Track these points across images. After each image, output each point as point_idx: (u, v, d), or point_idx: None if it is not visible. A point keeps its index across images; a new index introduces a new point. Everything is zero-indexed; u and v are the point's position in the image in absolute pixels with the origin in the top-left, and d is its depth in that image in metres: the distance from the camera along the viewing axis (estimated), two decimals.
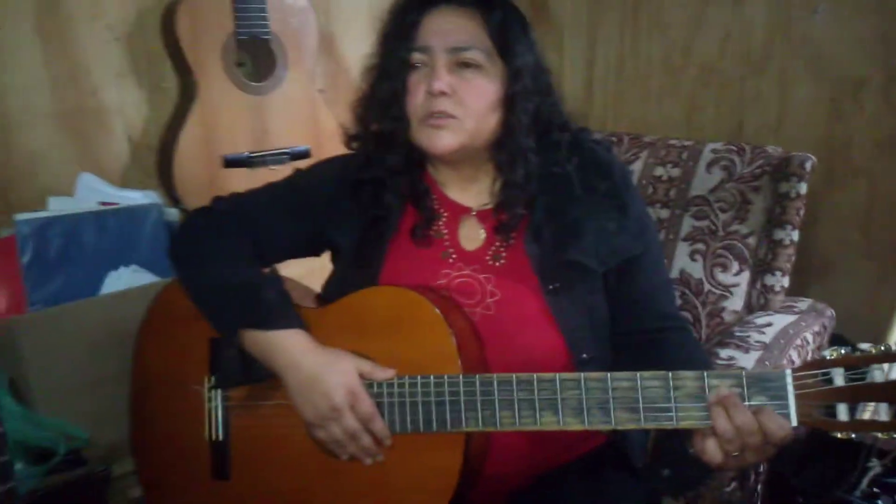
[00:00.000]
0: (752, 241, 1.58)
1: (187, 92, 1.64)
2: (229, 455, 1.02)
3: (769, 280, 1.58)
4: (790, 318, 1.52)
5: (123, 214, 1.56)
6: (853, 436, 0.75)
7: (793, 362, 1.35)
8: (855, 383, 0.75)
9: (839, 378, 0.75)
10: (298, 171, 1.13)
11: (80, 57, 1.58)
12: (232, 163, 1.64)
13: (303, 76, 1.72)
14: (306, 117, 1.74)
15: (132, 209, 1.57)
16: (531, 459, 1.01)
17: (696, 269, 1.62)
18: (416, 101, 0.98)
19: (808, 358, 1.47)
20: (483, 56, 0.97)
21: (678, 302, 1.61)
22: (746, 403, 0.78)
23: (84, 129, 1.61)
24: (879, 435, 0.75)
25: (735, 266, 1.59)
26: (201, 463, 1.03)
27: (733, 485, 1.20)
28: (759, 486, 1.30)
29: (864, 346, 0.75)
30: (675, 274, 1.64)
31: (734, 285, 1.58)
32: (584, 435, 1.03)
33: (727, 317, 1.57)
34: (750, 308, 1.59)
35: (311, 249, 1.13)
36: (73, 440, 1.32)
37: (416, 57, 0.99)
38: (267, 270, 1.03)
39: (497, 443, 0.96)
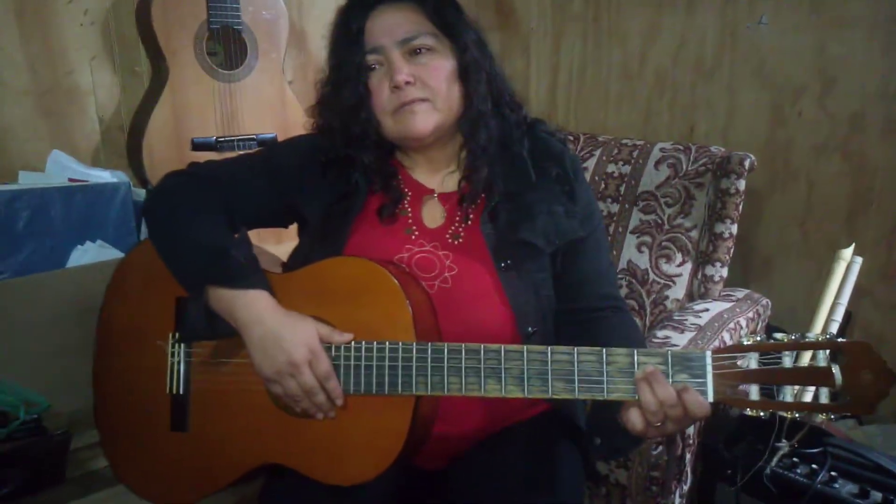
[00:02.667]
0: (694, 234, 1.68)
1: (159, 77, 1.69)
2: (188, 408, 1.06)
3: (709, 271, 1.67)
4: (726, 305, 1.61)
5: (91, 191, 1.59)
6: (762, 414, 0.83)
7: (724, 343, 1.44)
8: (766, 367, 0.83)
9: (753, 362, 0.83)
10: (273, 144, 1.20)
11: (56, 39, 1.63)
12: (200, 146, 1.70)
13: (273, 66, 1.79)
14: (274, 106, 1.80)
15: (100, 186, 1.60)
16: (479, 421, 1.06)
17: (643, 260, 1.71)
18: (383, 97, 1.05)
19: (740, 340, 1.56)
20: (432, 39, 1.06)
21: (624, 290, 1.70)
22: (670, 380, 0.85)
23: (58, 108, 1.66)
24: (785, 414, 0.83)
25: (678, 257, 1.68)
26: (161, 416, 1.07)
27: (660, 448, 1.28)
28: (687, 456, 1.37)
29: (778, 335, 0.83)
30: (622, 265, 1.73)
31: (677, 275, 1.67)
32: (529, 401, 1.09)
33: (670, 305, 1.66)
34: (691, 297, 1.68)
35: (279, 219, 1.18)
36: (34, 406, 1.34)
37: (371, 58, 1.05)
38: (237, 235, 1.07)
39: (446, 403, 1.01)
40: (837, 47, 1.77)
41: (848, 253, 1.49)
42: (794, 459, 1.33)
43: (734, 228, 1.66)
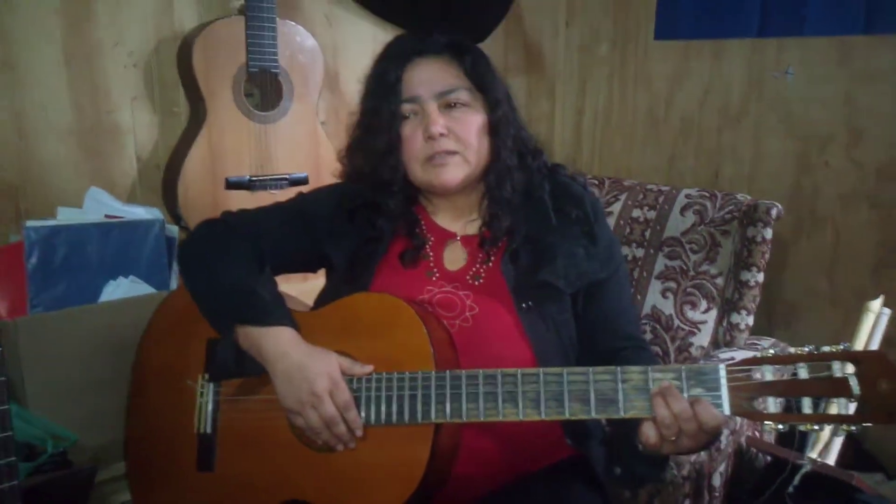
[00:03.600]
0: (720, 281, 1.67)
1: (197, 117, 1.74)
2: (215, 447, 1.08)
3: (735, 318, 1.66)
4: (752, 354, 1.59)
5: (126, 228, 1.63)
6: (780, 427, 0.82)
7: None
8: (781, 379, 0.83)
9: (769, 374, 0.83)
10: (302, 193, 1.24)
11: (100, 79, 1.69)
12: (234, 185, 1.74)
13: (307, 108, 1.83)
14: (307, 146, 1.84)
15: (135, 223, 1.64)
16: (500, 464, 1.07)
17: (667, 306, 1.70)
18: (416, 146, 1.09)
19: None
20: (467, 94, 1.10)
21: (649, 336, 1.69)
22: (685, 395, 0.86)
23: (98, 146, 1.71)
24: (804, 427, 0.82)
25: (703, 304, 1.67)
26: (188, 455, 1.09)
27: (686, 502, 1.26)
28: None
29: (792, 349, 0.84)
30: (647, 310, 1.73)
31: (702, 322, 1.66)
32: (551, 446, 1.09)
33: (694, 352, 1.65)
34: (716, 344, 1.67)
35: (308, 265, 1.22)
36: (62, 441, 1.36)
37: (407, 107, 1.10)
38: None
39: (467, 445, 1.02)
40: (865, 98, 1.78)
41: (877, 305, 1.48)
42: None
43: (760, 277, 1.65)
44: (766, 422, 0.83)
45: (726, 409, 0.85)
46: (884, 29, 1.74)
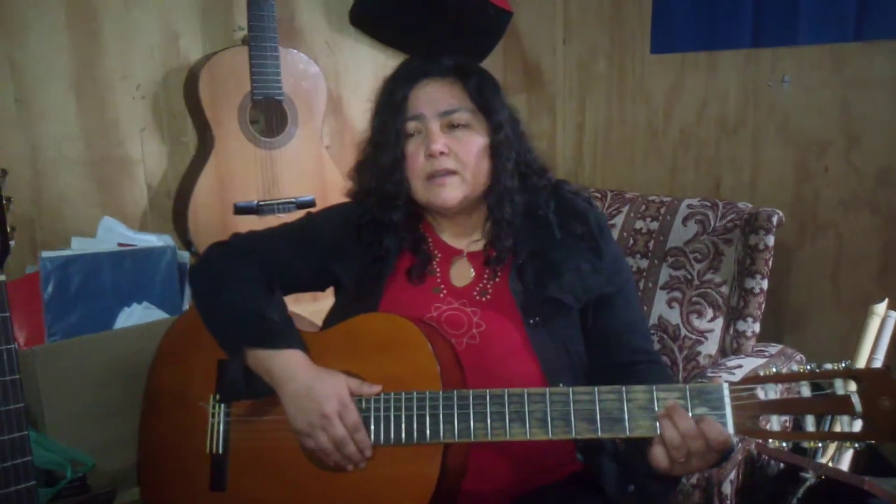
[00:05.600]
0: (724, 289, 1.69)
1: (205, 145, 1.78)
2: (227, 467, 1.10)
3: (741, 326, 1.67)
4: (760, 361, 1.61)
5: (139, 255, 1.66)
6: (784, 444, 0.83)
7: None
8: (784, 398, 0.83)
9: (771, 392, 0.84)
10: (310, 213, 1.27)
11: (110, 112, 1.73)
12: (242, 210, 1.77)
13: (311, 133, 1.87)
14: (313, 170, 1.88)
15: (147, 251, 1.67)
16: (508, 480, 1.07)
17: (674, 316, 1.72)
18: (418, 164, 1.12)
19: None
20: (469, 115, 1.13)
21: (656, 346, 1.70)
22: (690, 414, 0.87)
23: (109, 176, 1.75)
24: (808, 444, 0.84)
25: (709, 313, 1.69)
26: (201, 476, 1.11)
27: None
28: None
29: (795, 367, 0.85)
30: (653, 320, 1.74)
31: (709, 331, 1.67)
32: (560, 460, 1.10)
33: (702, 360, 1.66)
34: (724, 352, 1.68)
35: (317, 283, 1.24)
36: (80, 466, 1.38)
37: (412, 125, 1.13)
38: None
39: (476, 461, 1.03)
40: (860, 104, 1.80)
41: (882, 308, 1.49)
42: None
43: (765, 284, 1.66)
44: (770, 440, 0.84)
45: (730, 429, 0.86)
46: (875, 35, 1.77)
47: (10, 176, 1.03)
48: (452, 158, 1.11)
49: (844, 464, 1.53)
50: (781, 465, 1.49)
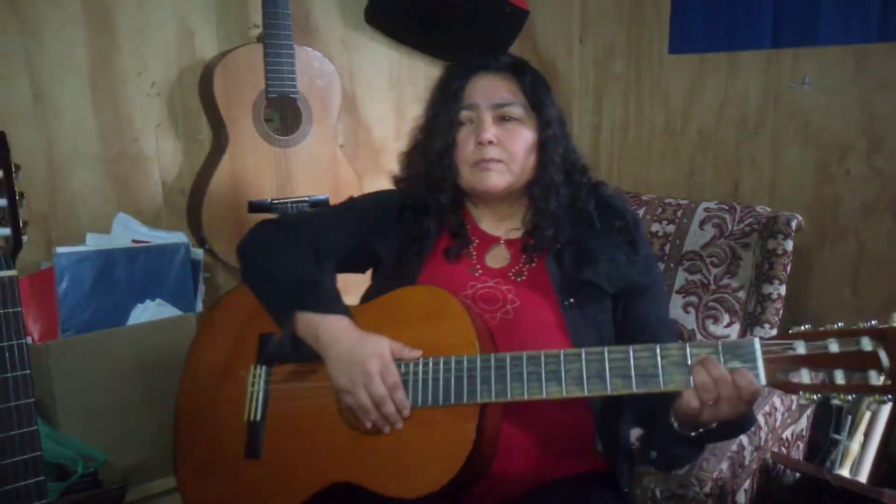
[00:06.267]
0: (741, 294, 1.66)
1: (219, 143, 1.78)
2: (263, 434, 1.11)
3: (758, 332, 1.64)
4: None
5: (153, 252, 1.67)
6: (815, 397, 0.86)
7: (776, 408, 1.41)
8: (813, 353, 0.86)
9: (801, 348, 0.87)
10: (352, 197, 1.33)
11: (125, 109, 1.74)
12: (256, 208, 1.77)
13: (326, 132, 1.86)
14: (327, 169, 1.87)
15: (161, 247, 1.68)
16: (532, 460, 1.09)
17: (689, 321, 1.69)
18: (467, 150, 1.17)
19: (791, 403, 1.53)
20: (521, 110, 1.18)
21: None
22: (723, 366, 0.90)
23: (124, 173, 1.76)
24: (836, 401, 0.86)
25: (726, 318, 1.66)
26: (236, 444, 1.12)
27: None
28: None
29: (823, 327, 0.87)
30: None
31: (725, 336, 1.65)
32: (583, 446, 1.13)
33: None
34: None
35: (358, 262, 1.28)
36: (92, 461, 1.39)
37: (465, 114, 1.18)
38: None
39: (502, 441, 1.05)
40: (882, 106, 1.77)
41: None
42: None
43: (783, 289, 1.64)
44: (800, 392, 0.86)
45: (762, 380, 0.88)
46: None
47: (26, 171, 1.03)
48: (500, 149, 1.15)
49: (863, 475, 1.51)
50: (797, 474, 1.47)
